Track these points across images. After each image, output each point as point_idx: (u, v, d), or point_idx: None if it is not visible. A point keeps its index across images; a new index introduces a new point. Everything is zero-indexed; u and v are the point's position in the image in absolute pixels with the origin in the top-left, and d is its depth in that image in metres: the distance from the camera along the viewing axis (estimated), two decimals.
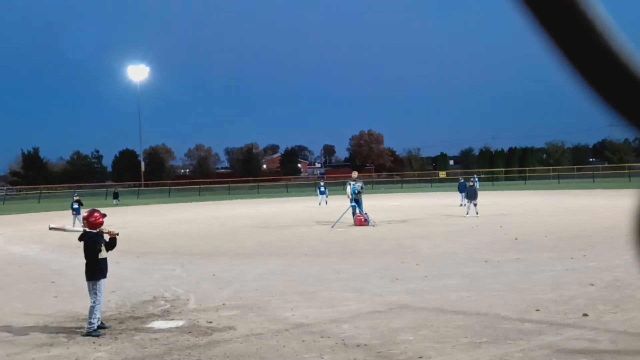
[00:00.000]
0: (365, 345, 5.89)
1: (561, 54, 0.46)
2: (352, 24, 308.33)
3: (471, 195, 21.51)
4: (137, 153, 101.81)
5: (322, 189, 34.82)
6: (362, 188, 19.83)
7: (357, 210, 19.56)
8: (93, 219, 7.09)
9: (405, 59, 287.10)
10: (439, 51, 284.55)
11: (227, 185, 71.88)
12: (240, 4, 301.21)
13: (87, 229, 7.09)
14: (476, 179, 23.77)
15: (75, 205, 23.18)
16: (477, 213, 20.99)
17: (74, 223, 22.60)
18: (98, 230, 7.08)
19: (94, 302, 6.79)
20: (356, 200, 19.55)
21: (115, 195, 47.24)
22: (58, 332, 6.82)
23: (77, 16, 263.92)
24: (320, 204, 33.25)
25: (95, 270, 6.96)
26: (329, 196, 34.27)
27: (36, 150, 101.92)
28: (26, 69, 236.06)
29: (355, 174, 21.08)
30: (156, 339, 6.40)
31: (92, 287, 6.87)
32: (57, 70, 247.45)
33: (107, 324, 7.05)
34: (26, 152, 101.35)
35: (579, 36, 0.45)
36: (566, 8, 0.45)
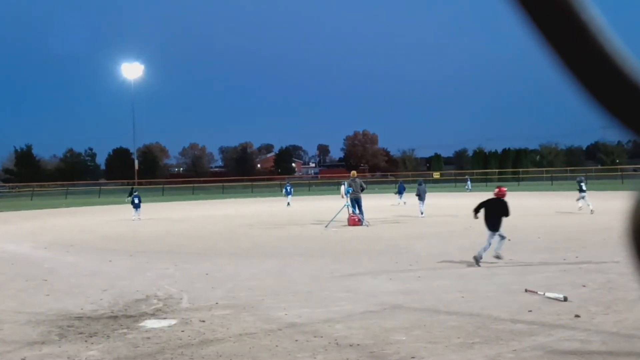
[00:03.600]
0: (358, 345, 5.89)
1: (555, 56, 0.46)
2: (347, 24, 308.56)
3: (421, 195, 23.41)
4: (131, 151, 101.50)
5: (289, 188, 35.68)
6: (361, 187, 19.94)
7: (350, 210, 19.60)
8: (505, 190, 11.08)
9: (399, 60, 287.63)
10: (433, 52, 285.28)
11: (221, 184, 71.76)
12: (236, 3, 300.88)
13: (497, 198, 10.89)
14: (468, 181, 25.66)
15: (136, 201, 25.32)
16: (422, 213, 22.79)
17: (134, 216, 24.76)
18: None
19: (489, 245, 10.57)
20: (356, 200, 19.65)
21: (131, 193, 48.76)
22: (50, 331, 6.78)
23: (71, 13, 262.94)
24: (288, 204, 33.72)
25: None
26: (325, 196, 34.41)
27: (29, 147, 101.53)
28: (19, 66, 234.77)
29: (353, 174, 21.31)
30: (149, 337, 6.38)
31: (492, 236, 10.58)
32: (51, 67, 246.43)
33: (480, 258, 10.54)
34: (19, 150, 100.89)
35: (573, 38, 0.45)
36: (560, 10, 0.45)
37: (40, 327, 6.95)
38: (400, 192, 33.53)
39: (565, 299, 7.62)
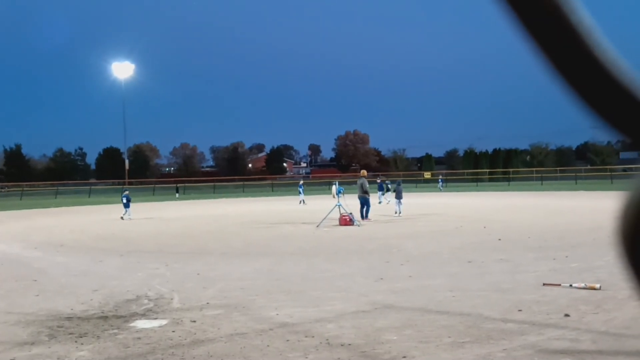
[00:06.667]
0: (350, 344, 5.90)
1: (544, 57, 0.47)
2: (339, 24, 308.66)
3: (398, 194, 24.05)
4: (122, 151, 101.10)
5: (300, 188, 37.27)
6: (362, 188, 20.48)
7: (342, 209, 19.66)
8: None
9: (390, 61, 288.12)
10: (424, 53, 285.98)
11: (212, 184, 71.59)
12: (227, 2, 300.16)
13: None
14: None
15: (125, 200, 25.43)
16: (400, 212, 23.26)
17: (124, 215, 24.95)
18: None
19: None
20: (360, 199, 20.62)
21: (177, 190, 55.99)
22: (40, 331, 6.74)
23: (61, 10, 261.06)
24: (300, 202, 35.26)
25: None
26: (316, 196, 35.20)
27: (18, 146, 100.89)
28: (8, 64, 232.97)
29: (363, 173, 22.00)
30: (139, 338, 6.35)
31: None
32: (41, 65, 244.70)
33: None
34: (8, 149, 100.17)
35: (562, 39, 0.46)
36: (549, 12, 0.45)
37: (30, 328, 6.90)
38: (380, 189, 34.98)
39: (600, 288, 7.83)
